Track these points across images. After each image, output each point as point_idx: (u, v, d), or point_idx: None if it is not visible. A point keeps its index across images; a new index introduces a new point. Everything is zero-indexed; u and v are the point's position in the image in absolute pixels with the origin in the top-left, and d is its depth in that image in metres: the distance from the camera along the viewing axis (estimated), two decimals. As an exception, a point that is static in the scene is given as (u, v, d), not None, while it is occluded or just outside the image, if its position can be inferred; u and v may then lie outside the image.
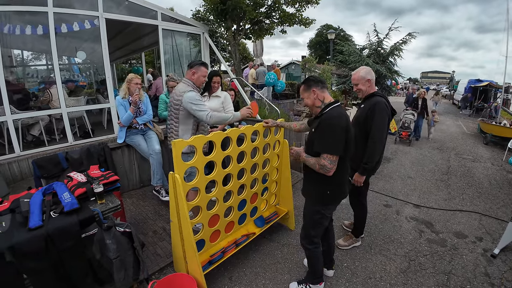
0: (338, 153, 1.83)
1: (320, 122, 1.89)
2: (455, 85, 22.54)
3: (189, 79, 2.71)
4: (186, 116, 2.66)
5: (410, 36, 9.86)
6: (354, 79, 2.59)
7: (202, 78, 2.75)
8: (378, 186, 4.65)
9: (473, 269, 2.68)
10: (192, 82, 2.71)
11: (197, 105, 2.55)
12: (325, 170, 1.84)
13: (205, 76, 2.79)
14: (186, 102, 2.56)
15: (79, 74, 7.46)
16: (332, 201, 2.11)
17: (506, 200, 4.26)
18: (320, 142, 1.86)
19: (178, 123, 2.72)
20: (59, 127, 4.45)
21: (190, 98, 2.56)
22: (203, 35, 5.67)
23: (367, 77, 2.53)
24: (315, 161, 1.88)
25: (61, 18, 3.87)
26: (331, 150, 1.82)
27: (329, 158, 1.82)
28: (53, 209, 2.00)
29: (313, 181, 2.05)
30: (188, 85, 2.67)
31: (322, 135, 1.85)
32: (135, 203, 3.78)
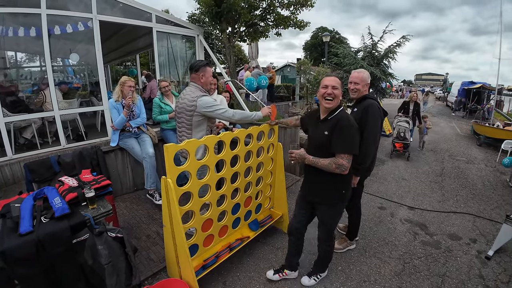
0: (356, 152, 1.94)
1: (336, 124, 1.93)
2: (449, 87, 22.78)
3: (197, 83, 2.64)
4: (200, 122, 2.59)
5: (404, 39, 9.91)
6: (357, 78, 2.57)
7: (210, 79, 2.71)
8: (373, 188, 4.66)
9: (468, 271, 2.69)
10: (201, 86, 2.65)
11: (215, 107, 2.50)
12: (343, 169, 1.90)
13: (211, 76, 2.75)
14: (203, 107, 2.48)
15: (74, 76, 7.39)
16: (347, 198, 2.18)
17: (500, 201, 4.30)
18: (338, 143, 1.91)
19: (191, 129, 2.61)
20: (52, 129, 4.40)
21: (207, 103, 2.50)
22: (197, 37, 5.66)
23: (367, 80, 2.58)
24: (330, 161, 1.92)
25: (55, 20, 3.83)
26: (349, 150, 1.90)
27: (347, 157, 1.90)
28: (43, 214, 1.98)
29: (328, 185, 2.09)
30: (198, 89, 2.62)
31: (341, 136, 1.91)
32: (128, 207, 3.74)
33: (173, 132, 4.07)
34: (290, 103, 9.75)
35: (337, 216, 2.25)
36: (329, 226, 2.28)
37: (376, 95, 10.25)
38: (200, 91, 2.59)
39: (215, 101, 2.58)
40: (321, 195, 2.15)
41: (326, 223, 2.27)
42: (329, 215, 2.22)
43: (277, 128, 2.87)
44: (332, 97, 1.95)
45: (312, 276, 2.47)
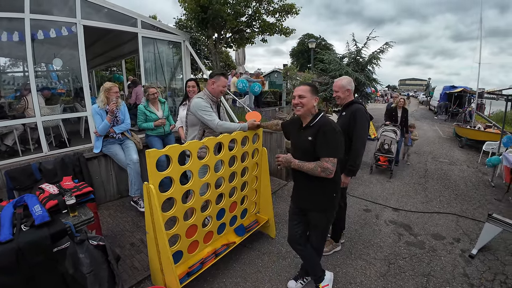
0: (340, 155, 1.99)
1: (319, 129, 1.98)
2: (431, 92, 23.48)
3: (208, 89, 2.75)
4: (194, 122, 2.69)
5: (387, 45, 10.21)
6: (336, 86, 2.75)
7: (221, 88, 2.73)
8: (358, 191, 4.73)
9: (452, 270, 2.75)
10: (208, 92, 2.74)
11: (204, 112, 2.56)
12: (328, 173, 1.93)
13: (225, 86, 2.79)
14: (194, 108, 2.60)
15: (58, 81, 7.23)
16: (337, 202, 2.22)
17: (482, 201, 4.43)
18: (323, 147, 1.96)
19: (187, 129, 2.79)
20: (34, 136, 4.28)
21: (197, 104, 2.59)
22: (184, 43, 5.65)
23: (347, 87, 2.69)
24: (315, 165, 1.95)
25: (38, 24, 3.76)
26: (333, 153, 1.94)
27: (331, 161, 1.93)
28: (23, 222, 1.93)
29: (317, 190, 2.11)
30: (204, 94, 2.73)
31: (325, 140, 1.95)
32: (112, 215, 3.66)
33: (158, 138, 4.04)
34: (277, 108, 9.82)
35: (329, 220, 2.24)
36: (322, 231, 2.29)
37: (361, 100, 10.47)
38: (204, 94, 2.70)
39: (207, 106, 2.61)
40: (311, 201, 2.16)
41: (319, 228, 2.26)
42: (322, 220, 2.21)
43: (262, 132, 2.89)
44: (300, 106, 2.02)
45: (299, 280, 2.47)
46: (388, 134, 5.95)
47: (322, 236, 2.34)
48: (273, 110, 9.33)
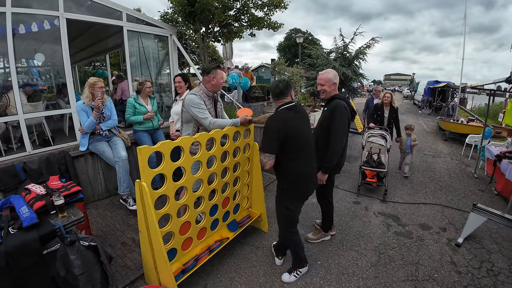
0: (266, 150, 2.13)
1: None
2: (416, 86, 24.00)
3: (206, 86, 2.63)
4: (189, 119, 2.62)
5: (374, 41, 10.32)
6: (322, 79, 2.66)
7: (221, 82, 2.65)
8: (347, 185, 4.80)
9: (440, 259, 2.84)
10: (205, 87, 2.63)
11: (198, 109, 2.49)
12: (262, 164, 2.17)
13: (223, 78, 2.72)
14: (188, 104, 2.52)
15: (39, 77, 6.96)
16: (291, 194, 2.30)
17: (466, 192, 4.59)
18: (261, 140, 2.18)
19: (182, 125, 2.73)
20: (17, 135, 4.11)
21: (190, 101, 2.51)
22: (170, 37, 5.52)
23: (333, 80, 2.64)
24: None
25: (19, 18, 3.59)
26: (262, 148, 2.15)
27: (262, 154, 2.15)
28: (11, 224, 1.86)
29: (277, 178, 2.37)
30: (200, 89, 2.62)
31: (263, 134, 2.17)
32: (101, 214, 3.58)
33: (147, 133, 3.97)
34: (265, 103, 9.81)
35: (282, 209, 2.36)
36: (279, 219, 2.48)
37: (348, 94, 10.58)
38: (199, 90, 2.61)
39: (201, 104, 2.53)
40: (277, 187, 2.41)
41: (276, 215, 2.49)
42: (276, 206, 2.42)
43: (253, 128, 2.89)
44: None
45: (292, 273, 2.52)
46: (375, 141, 4.62)
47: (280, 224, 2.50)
48: (262, 105, 9.32)
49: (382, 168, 4.45)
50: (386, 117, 5.12)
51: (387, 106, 5.13)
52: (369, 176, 4.66)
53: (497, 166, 4.40)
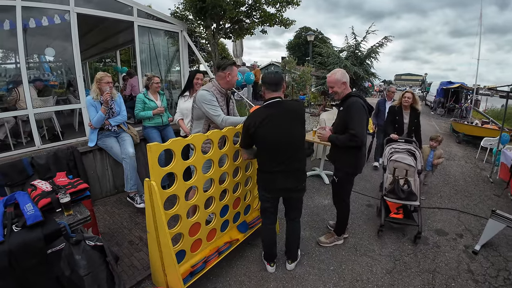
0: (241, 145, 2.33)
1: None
2: (428, 87, 23.52)
3: (220, 82, 2.54)
4: (200, 115, 2.54)
5: (386, 40, 10.11)
6: (330, 82, 2.60)
7: (234, 79, 2.57)
8: (359, 186, 4.67)
9: (457, 266, 2.72)
10: (218, 84, 2.54)
11: (210, 106, 2.40)
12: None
13: (237, 76, 2.66)
14: (199, 101, 2.43)
15: (50, 73, 6.99)
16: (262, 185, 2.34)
17: (482, 197, 4.41)
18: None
19: (193, 122, 2.67)
20: (26, 129, 4.10)
21: (202, 97, 2.41)
22: (181, 33, 5.45)
23: (342, 79, 2.55)
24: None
25: (30, 12, 3.57)
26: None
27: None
28: (14, 222, 1.80)
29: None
30: (213, 85, 2.53)
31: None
32: (109, 211, 3.53)
33: (156, 130, 3.91)
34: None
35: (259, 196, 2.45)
36: None
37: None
38: (211, 87, 2.52)
39: (213, 100, 2.44)
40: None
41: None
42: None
43: None
44: None
45: None
46: (401, 159, 3.41)
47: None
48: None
49: (413, 199, 3.16)
50: (406, 124, 4.05)
51: (406, 109, 4.10)
52: (393, 209, 3.31)
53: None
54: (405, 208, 3.33)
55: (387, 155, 3.55)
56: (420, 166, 3.36)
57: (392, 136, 3.88)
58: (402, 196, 3.19)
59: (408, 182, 3.31)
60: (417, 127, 4.12)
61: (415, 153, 3.47)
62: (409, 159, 3.40)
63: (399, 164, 3.43)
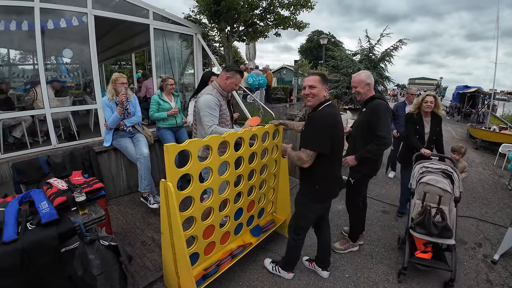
0: (312, 148, 1.93)
1: (309, 118, 2.02)
2: (443, 91, 22.98)
3: (219, 83, 2.55)
4: None
5: (401, 43, 9.96)
6: (354, 82, 2.62)
7: (233, 86, 2.56)
8: (375, 192, 4.56)
9: (475, 276, 2.62)
10: (219, 86, 2.54)
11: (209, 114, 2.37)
12: (301, 162, 1.98)
13: (237, 85, 2.64)
14: (202, 104, 2.40)
15: (67, 74, 7.16)
16: (320, 196, 2.17)
17: (501, 205, 4.26)
18: (302, 137, 2.01)
19: (197, 126, 2.60)
20: (43, 129, 4.20)
21: (206, 102, 2.38)
22: (195, 36, 5.50)
23: (367, 81, 2.57)
24: (295, 153, 2.05)
25: (48, 13, 3.66)
26: (307, 145, 1.95)
27: (306, 152, 1.94)
28: (29, 220, 1.81)
29: (305, 176, 2.17)
30: (214, 88, 2.52)
31: (306, 131, 2.01)
32: (122, 211, 3.55)
33: (170, 131, 3.93)
34: (287, 105, 9.65)
35: (303, 208, 2.23)
36: (295, 215, 2.31)
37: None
38: (213, 90, 2.51)
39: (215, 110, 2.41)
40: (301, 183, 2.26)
41: (294, 214, 2.32)
42: (298, 202, 2.26)
43: (282, 129, 2.74)
44: (310, 96, 2.00)
45: (274, 264, 2.54)
46: (433, 182, 2.77)
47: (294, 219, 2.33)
48: (284, 106, 9.17)
49: (448, 236, 2.48)
50: (427, 134, 3.36)
51: (427, 116, 3.38)
52: (420, 245, 2.66)
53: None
54: (435, 244, 2.64)
55: (416, 175, 2.88)
56: (458, 193, 2.67)
57: (424, 152, 3.16)
58: (434, 232, 2.48)
59: (442, 213, 2.60)
60: (438, 137, 3.43)
61: (452, 175, 2.76)
62: (444, 183, 2.74)
63: (432, 188, 2.77)
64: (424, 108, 3.33)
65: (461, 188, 2.70)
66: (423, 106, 3.33)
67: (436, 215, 2.59)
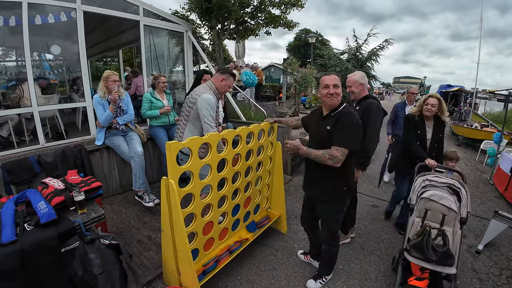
0: (352, 148, 1.93)
1: (339, 118, 1.95)
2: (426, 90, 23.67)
3: (214, 84, 2.62)
4: (197, 116, 2.53)
5: (387, 43, 10.17)
6: (349, 81, 2.70)
7: (227, 88, 2.67)
8: (363, 188, 4.69)
9: (461, 265, 2.74)
10: (215, 87, 2.62)
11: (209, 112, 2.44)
12: (336, 161, 1.89)
13: (230, 87, 2.74)
14: (202, 103, 2.43)
15: (50, 71, 6.94)
16: (349, 195, 2.18)
17: (483, 199, 4.46)
18: (337, 136, 1.92)
19: (187, 122, 2.60)
20: (30, 127, 4.08)
21: (208, 102, 2.44)
22: (186, 33, 5.46)
23: (361, 81, 2.66)
24: (323, 152, 1.93)
25: (35, 8, 3.56)
26: (346, 144, 1.90)
27: (342, 150, 1.89)
28: (27, 220, 1.78)
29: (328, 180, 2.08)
30: (210, 89, 2.59)
31: (341, 129, 1.92)
32: (116, 210, 3.52)
33: (163, 129, 3.91)
34: (277, 103, 9.72)
35: (338, 214, 2.20)
36: (329, 225, 2.25)
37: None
38: (210, 90, 2.57)
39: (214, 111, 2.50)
40: (320, 189, 2.15)
41: (325, 222, 2.27)
42: (329, 213, 2.20)
43: (277, 126, 2.80)
44: (335, 96, 1.97)
45: (318, 280, 2.41)
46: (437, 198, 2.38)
47: (329, 231, 2.26)
48: (273, 104, 9.22)
49: (449, 264, 2.12)
50: (429, 140, 2.93)
51: (429, 120, 2.93)
52: (416, 269, 2.29)
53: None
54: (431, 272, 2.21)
55: (417, 189, 2.47)
56: (465, 212, 2.26)
57: (429, 163, 2.70)
58: (433, 257, 2.10)
59: (444, 236, 2.20)
60: (440, 144, 3.01)
61: (460, 192, 2.32)
62: (449, 200, 2.31)
63: (434, 205, 2.36)
64: (425, 111, 2.86)
65: (469, 207, 2.28)
66: (424, 108, 2.87)
67: (437, 237, 2.20)
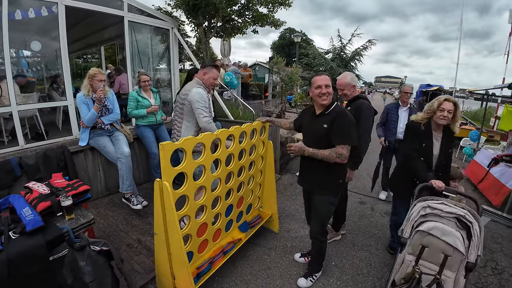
0: (354, 143, 2.06)
1: (335, 117, 2.03)
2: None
3: (200, 78, 2.72)
4: (191, 112, 2.59)
5: (370, 43, 10.38)
6: (341, 85, 2.71)
7: (212, 80, 2.73)
8: (351, 185, 4.76)
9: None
10: (202, 82, 2.70)
11: (202, 104, 2.52)
12: (343, 158, 2.02)
13: (216, 79, 2.78)
14: (193, 96, 2.51)
15: (28, 68, 6.61)
16: (342, 188, 2.31)
17: (464, 194, 4.64)
18: (339, 134, 2.02)
19: (182, 120, 2.67)
20: (8, 128, 3.86)
21: (198, 94, 2.53)
22: (172, 30, 5.34)
23: (352, 83, 2.69)
24: (330, 151, 2.02)
25: (16, 3, 3.38)
26: (349, 140, 2.02)
27: (346, 148, 2.02)
28: (12, 228, 1.67)
29: (326, 174, 2.16)
30: (198, 83, 2.65)
31: (340, 128, 2.02)
32: (102, 214, 3.40)
33: (150, 129, 3.81)
34: (263, 102, 9.71)
35: (330, 206, 2.27)
36: (322, 218, 2.30)
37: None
38: (198, 85, 2.64)
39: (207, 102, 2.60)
40: (317, 183, 2.21)
41: (319, 214, 2.30)
42: (323, 205, 2.25)
43: (268, 125, 2.79)
44: (327, 95, 2.05)
45: (309, 277, 2.43)
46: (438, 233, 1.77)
47: (322, 224, 2.33)
48: (259, 103, 9.20)
49: None
50: (435, 155, 2.35)
51: (438, 129, 2.36)
52: None
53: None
54: None
55: (414, 217, 1.91)
56: (474, 256, 1.69)
57: (435, 185, 2.09)
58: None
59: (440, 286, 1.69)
60: (448, 162, 2.43)
61: (471, 227, 1.75)
62: (456, 237, 1.74)
63: (435, 241, 1.79)
64: (438, 119, 2.26)
65: (481, 250, 1.69)
66: (437, 115, 2.26)
67: (431, 285, 1.69)
